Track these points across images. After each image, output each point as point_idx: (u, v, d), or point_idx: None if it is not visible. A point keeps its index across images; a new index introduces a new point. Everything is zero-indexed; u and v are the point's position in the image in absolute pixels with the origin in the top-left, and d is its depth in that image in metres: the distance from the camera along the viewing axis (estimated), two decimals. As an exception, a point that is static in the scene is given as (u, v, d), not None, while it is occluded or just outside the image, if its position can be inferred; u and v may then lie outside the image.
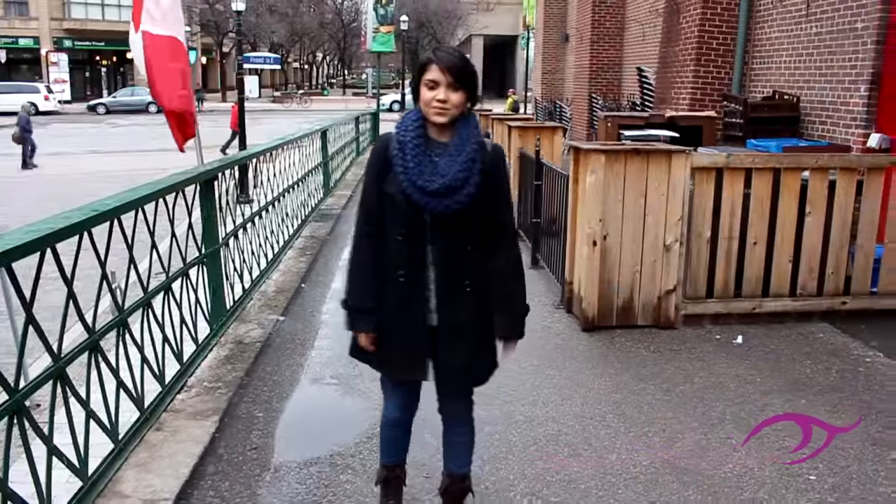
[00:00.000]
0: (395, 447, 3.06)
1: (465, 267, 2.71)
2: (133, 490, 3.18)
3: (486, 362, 2.81)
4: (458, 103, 2.59)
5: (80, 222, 2.99)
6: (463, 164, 2.60)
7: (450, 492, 3.00)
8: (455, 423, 2.95)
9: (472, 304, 2.72)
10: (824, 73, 8.79)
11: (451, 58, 2.58)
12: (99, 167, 18.16)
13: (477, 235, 2.71)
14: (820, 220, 5.63)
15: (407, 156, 2.61)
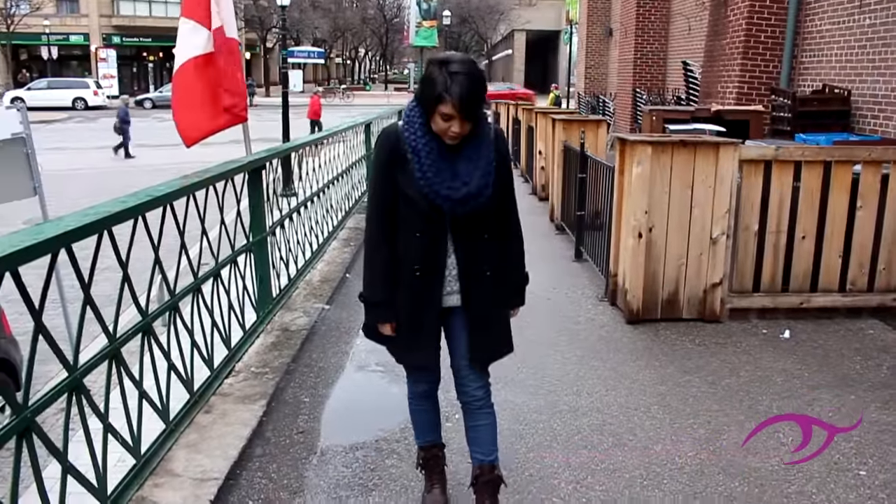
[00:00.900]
0: (427, 424, 3.11)
1: (484, 254, 2.78)
2: (184, 469, 3.25)
3: (505, 338, 2.91)
4: (466, 130, 2.60)
5: (136, 206, 3.06)
6: (485, 169, 2.66)
7: (481, 483, 2.94)
8: (475, 406, 2.93)
9: (491, 287, 2.81)
10: (878, 66, 8.61)
11: (465, 92, 2.51)
12: (147, 160, 18.51)
13: (492, 224, 2.78)
14: (872, 215, 5.52)
15: (423, 163, 2.61)
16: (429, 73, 2.57)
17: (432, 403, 3.11)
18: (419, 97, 2.63)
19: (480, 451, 2.94)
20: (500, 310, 2.89)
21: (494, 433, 2.96)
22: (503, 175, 2.75)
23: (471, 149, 2.65)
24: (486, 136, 2.69)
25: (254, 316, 4.96)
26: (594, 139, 8.41)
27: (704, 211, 5.30)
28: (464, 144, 2.64)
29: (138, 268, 3.15)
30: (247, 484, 3.28)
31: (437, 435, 3.15)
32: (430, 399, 3.09)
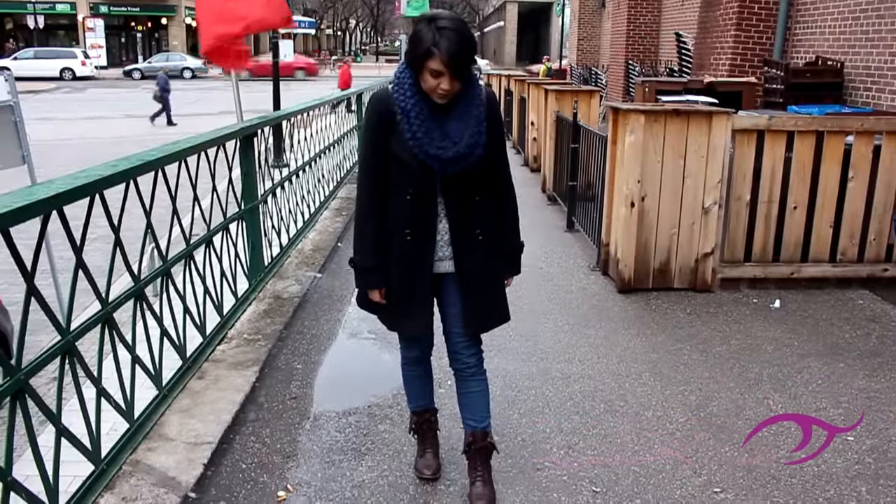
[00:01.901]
0: (419, 389, 3.13)
1: (476, 217, 2.74)
2: (177, 433, 3.26)
3: (499, 306, 2.88)
4: (455, 87, 2.56)
5: (127, 170, 3.03)
6: (475, 128, 2.61)
7: (473, 450, 2.95)
8: (468, 374, 2.92)
9: (484, 252, 2.77)
10: (871, 38, 8.59)
11: (455, 47, 2.46)
12: (136, 131, 18.36)
13: (484, 185, 2.74)
14: (863, 186, 5.53)
15: (413, 123, 2.58)
16: (417, 30, 2.54)
17: (424, 368, 3.11)
18: (408, 56, 2.60)
19: (472, 417, 2.95)
20: (494, 277, 2.85)
21: (487, 400, 2.96)
22: (495, 136, 2.70)
23: (461, 108, 2.61)
24: (477, 96, 2.65)
25: (246, 284, 4.95)
26: (587, 110, 8.38)
27: (697, 180, 5.30)
28: (454, 104, 2.60)
29: (129, 237, 3.14)
30: (240, 448, 3.29)
31: (430, 400, 3.16)
32: (423, 364, 3.10)
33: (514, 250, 2.91)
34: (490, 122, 2.67)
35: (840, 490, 3.06)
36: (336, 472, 3.14)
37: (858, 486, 3.09)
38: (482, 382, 2.94)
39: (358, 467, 3.17)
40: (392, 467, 3.17)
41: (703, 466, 3.22)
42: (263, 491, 2.99)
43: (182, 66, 42.97)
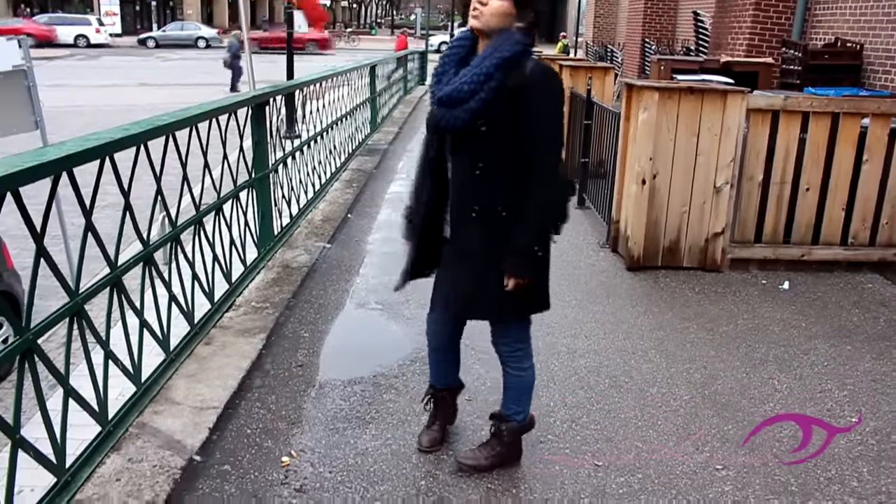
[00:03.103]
0: (438, 371, 3.11)
1: (474, 191, 2.61)
2: (184, 398, 3.29)
3: (489, 296, 2.66)
4: (495, 10, 2.47)
5: (138, 134, 3.04)
6: (472, 78, 2.48)
7: (491, 428, 2.99)
8: (501, 359, 2.92)
9: (478, 232, 2.63)
10: (893, 20, 8.47)
11: None
12: (148, 100, 18.33)
13: (492, 160, 2.55)
14: (877, 169, 5.48)
15: (438, 64, 2.62)
16: None
17: (444, 355, 3.07)
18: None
19: (503, 400, 2.97)
20: (486, 265, 2.62)
21: (515, 393, 2.92)
22: (521, 114, 2.47)
23: (479, 59, 2.52)
24: (499, 51, 2.47)
25: (255, 252, 4.97)
26: (601, 87, 8.32)
27: (709, 159, 5.26)
28: (478, 57, 2.54)
29: (139, 205, 3.16)
30: (245, 413, 3.32)
31: (449, 380, 3.12)
32: (439, 352, 3.06)
33: (515, 249, 2.55)
34: (518, 90, 2.46)
35: (842, 470, 3.06)
36: (340, 439, 3.16)
37: (860, 466, 3.09)
38: (512, 376, 2.90)
39: (362, 435, 3.19)
40: (396, 436, 3.19)
41: (706, 444, 3.22)
42: (267, 456, 3.02)
43: (196, 36, 42.86)
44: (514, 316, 2.80)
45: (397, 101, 15.54)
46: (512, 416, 2.94)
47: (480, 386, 3.60)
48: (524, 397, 2.94)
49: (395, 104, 15.16)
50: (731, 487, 2.92)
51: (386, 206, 7.31)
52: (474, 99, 2.48)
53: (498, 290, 2.62)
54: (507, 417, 2.95)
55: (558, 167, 2.58)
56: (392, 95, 14.68)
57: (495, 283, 2.62)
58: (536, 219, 2.54)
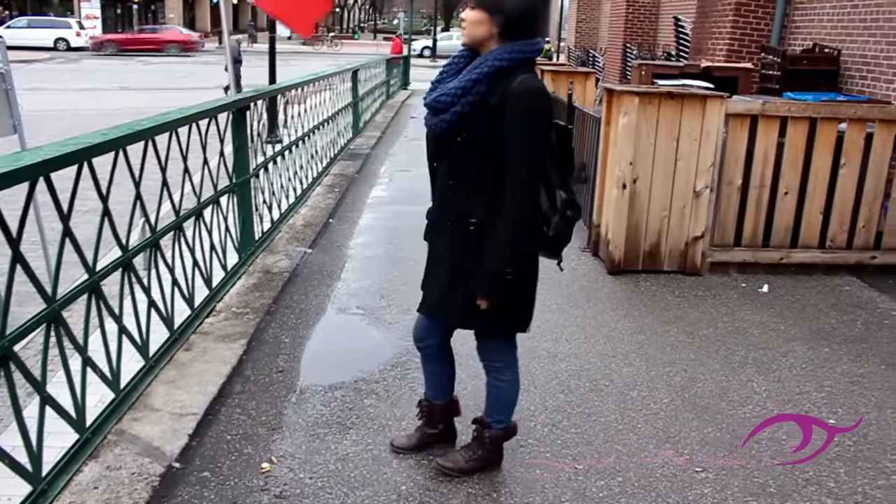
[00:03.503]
0: (427, 381, 3.08)
1: (448, 201, 2.63)
2: (163, 404, 3.27)
3: (455, 305, 2.67)
4: (472, 21, 2.49)
5: (116, 139, 3.02)
6: (453, 89, 2.49)
7: (475, 430, 2.99)
8: (484, 367, 2.93)
9: (448, 243, 2.66)
10: (868, 26, 8.56)
11: None
12: (130, 104, 18.22)
13: (467, 173, 2.56)
14: (854, 173, 5.54)
15: (439, 73, 2.65)
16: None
17: (430, 360, 3.02)
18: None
19: (485, 407, 2.96)
20: (452, 274, 2.65)
21: (496, 402, 2.91)
22: (501, 131, 2.46)
23: (465, 71, 2.53)
24: (485, 64, 2.45)
25: (236, 257, 4.95)
26: (582, 91, 8.38)
27: (689, 164, 5.30)
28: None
29: (120, 210, 3.14)
30: (225, 419, 3.30)
31: (436, 393, 3.07)
32: (424, 355, 3.02)
33: (485, 270, 2.52)
34: (498, 105, 2.44)
35: (819, 471, 3.09)
36: (320, 444, 3.15)
37: (837, 467, 3.12)
38: (492, 386, 2.90)
39: (342, 441, 3.19)
40: (376, 441, 3.18)
41: (686, 447, 3.24)
42: (248, 462, 3.01)
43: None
44: (483, 328, 2.78)
45: (380, 106, 15.53)
46: (493, 424, 2.95)
47: (462, 391, 3.59)
48: (505, 407, 2.94)
49: (378, 108, 15.15)
50: (710, 490, 2.94)
51: (368, 210, 7.31)
52: (451, 111, 2.49)
53: (463, 301, 2.62)
54: (488, 424, 2.95)
55: (532, 187, 2.53)
56: (375, 100, 14.68)
57: (461, 295, 2.62)
58: (506, 239, 2.50)
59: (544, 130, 2.53)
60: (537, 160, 2.52)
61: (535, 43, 2.51)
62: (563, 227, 2.63)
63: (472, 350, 2.95)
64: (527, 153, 2.48)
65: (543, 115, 2.51)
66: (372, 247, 6.03)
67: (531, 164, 2.51)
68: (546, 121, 2.53)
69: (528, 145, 2.48)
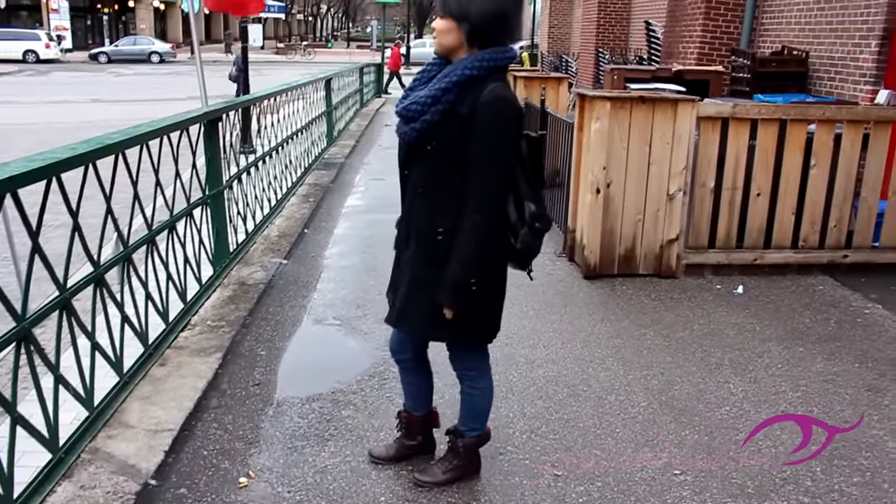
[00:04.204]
0: (405, 392, 3.08)
1: (417, 210, 2.63)
2: (138, 421, 3.23)
3: (419, 314, 2.67)
4: (441, 30, 2.50)
5: (86, 153, 2.99)
6: (423, 97, 2.49)
7: (449, 440, 2.99)
8: (457, 376, 2.94)
9: (414, 251, 2.65)
10: (835, 29, 8.69)
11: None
12: (102, 116, 18.05)
13: (436, 182, 2.55)
14: (824, 173, 5.61)
15: (412, 80, 2.64)
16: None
17: (409, 376, 3.02)
18: None
19: (459, 415, 2.97)
20: (417, 283, 2.65)
21: (469, 410, 2.92)
22: (463, 134, 2.45)
23: (436, 80, 2.52)
24: (454, 73, 2.44)
25: (210, 270, 4.91)
26: (555, 97, 8.41)
27: (662, 167, 5.34)
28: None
29: (93, 224, 3.11)
30: (202, 435, 3.27)
31: (414, 404, 3.05)
32: (405, 373, 3.03)
33: (448, 277, 2.51)
34: (468, 114, 2.44)
35: (796, 470, 3.11)
36: (298, 457, 3.13)
37: (813, 466, 3.15)
38: (465, 394, 2.91)
39: (321, 453, 3.16)
40: (355, 453, 3.17)
41: (664, 449, 3.26)
42: (225, 477, 2.98)
43: (150, 51, 42.37)
44: (449, 338, 2.78)
45: (354, 115, 15.51)
46: (467, 433, 2.94)
47: (438, 400, 3.57)
48: (479, 415, 2.94)
49: (352, 117, 15.13)
50: (689, 492, 2.96)
51: (343, 220, 7.28)
52: (420, 119, 2.48)
53: (428, 311, 2.61)
54: (462, 433, 2.95)
55: (498, 198, 2.52)
56: (349, 108, 14.66)
57: (426, 305, 2.62)
58: (470, 249, 2.48)
59: (513, 140, 2.54)
60: (504, 171, 2.52)
61: (506, 50, 2.50)
62: (531, 240, 2.62)
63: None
64: (494, 163, 2.47)
65: (512, 124, 2.50)
66: (347, 256, 6.01)
67: (498, 175, 2.50)
68: (515, 131, 2.53)
69: (496, 155, 2.47)
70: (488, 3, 2.42)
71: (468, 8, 2.42)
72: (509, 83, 2.58)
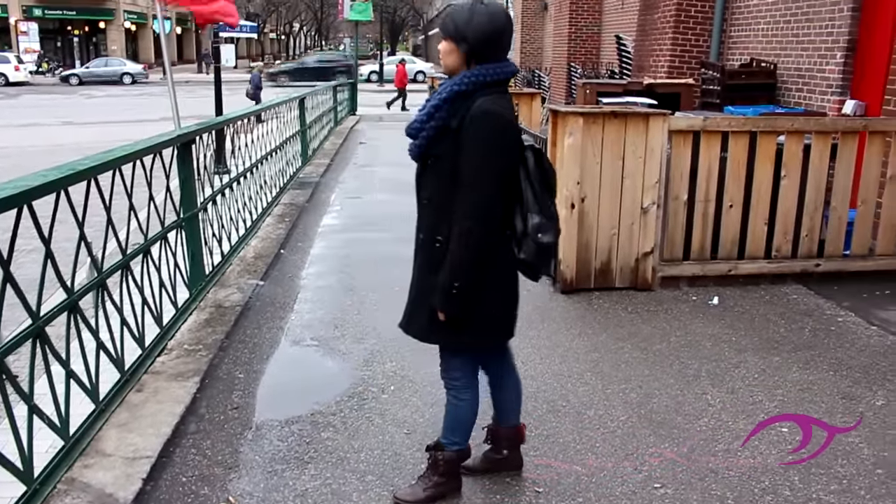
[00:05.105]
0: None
1: (422, 219, 2.77)
2: (115, 449, 3.20)
3: (422, 319, 2.77)
4: (444, 51, 2.67)
5: (57, 180, 2.97)
6: (420, 115, 2.69)
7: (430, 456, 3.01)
8: (444, 385, 2.96)
9: (421, 258, 2.78)
10: (801, 41, 8.83)
11: (449, 11, 2.70)
12: (74, 139, 17.91)
13: (437, 193, 2.68)
14: (795, 184, 5.69)
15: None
16: None
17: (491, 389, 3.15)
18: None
19: (442, 429, 3.00)
20: (420, 289, 2.78)
21: (451, 421, 2.95)
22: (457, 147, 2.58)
23: (430, 98, 2.71)
24: (444, 91, 2.63)
25: (186, 293, 4.88)
26: (528, 112, 8.46)
27: (635, 181, 5.39)
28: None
29: (67, 248, 3.08)
30: (180, 461, 3.24)
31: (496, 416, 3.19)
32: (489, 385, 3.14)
33: (441, 283, 2.63)
34: (458, 127, 2.58)
35: (774, 480, 3.14)
36: (279, 481, 3.11)
37: (791, 475, 3.18)
38: (449, 403, 2.94)
39: (301, 476, 3.15)
40: (335, 475, 3.15)
41: (644, 463, 3.27)
42: (204, 504, 2.95)
43: (122, 72, 42.06)
44: (441, 342, 2.86)
45: (328, 133, 15.50)
46: (448, 446, 2.95)
47: (419, 418, 3.59)
48: (459, 428, 2.95)
49: (327, 136, 15.12)
50: (669, 505, 2.97)
51: (319, 239, 7.26)
52: (420, 136, 2.68)
53: (427, 315, 2.73)
54: (443, 446, 2.95)
55: (484, 208, 2.58)
56: (323, 127, 14.65)
57: (425, 309, 2.73)
58: (454, 254, 2.59)
59: (502, 150, 2.61)
60: (493, 180, 2.59)
61: (499, 66, 2.65)
62: (535, 250, 2.68)
63: (431, 376, 2.95)
64: (481, 173, 2.56)
65: (498, 136, 2.59)
66: (324, 276, 5.99)
67: (486, 184, 2.58)
68: (502, 142, 2.61)
69: (482, 165, 2.57)
70: (484, 24, 2.59)
71: (465, 30, 2.60)
72: (505, 97, 2.70)
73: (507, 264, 2.75)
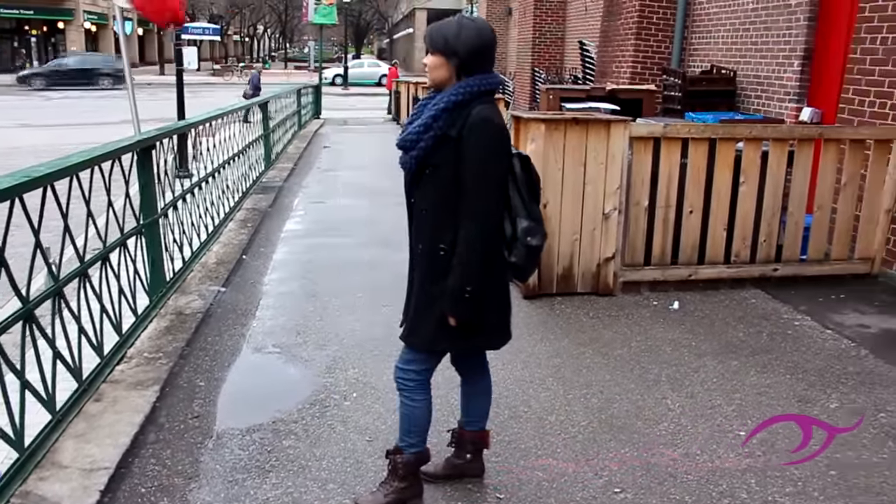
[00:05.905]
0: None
1: (421, 229, 2.80)
2: (72, 460, 3.15)
3: (429, 328, 2.80)
4: (433, 66, 2.72)
5: (10, 188, 2.92)
6: (416, 126, 2.71)
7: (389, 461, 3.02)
8: (396, 386, 2.99)
9: (423, 267, 2.81)
10: (760, 49, 8.99)
11: (435, 24, 2.74)
12: (29, 141, 17.59)
13: (438, 201, 2.72)
14: (753, 190, 5.78)
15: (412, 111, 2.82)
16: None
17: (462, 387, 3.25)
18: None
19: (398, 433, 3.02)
20: (421, 297, 2.82)
21: (406, 423, 2.96)
22: (456, 155, 2.64)
23: (427, 109, 2.73)
24: (442, 101, 2.66)
25: (146, 300, 4.82)
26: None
27: (597, 187, 5.44)
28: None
29: (24, 253, 3.03)
30: (139, 472, 3.20)
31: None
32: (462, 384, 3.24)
33: (448, 287, 2.69)
34: (459, 136, 2.63)
35: (732, 483, 3.19)
36: (240, 491, 3.08)
37: (749, 478, 3.23)
38: (403, 405, 2.96)
39: (262, 485, 3.13)
40: (297, 484, 3.14)
41: (605, 468, 3.30)
42: (163, 515, 2.92)
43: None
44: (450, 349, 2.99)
45: (292, 137, 15.42)
46: (405, 449, 2.96)
47: (381, 425, 3.60)
48: (414, 429, 2.97)
49: (290, 139, 15.04)
50: (629, 510, 3.01)
51: (282, 245, 7.22)
52: (417, 147, 2.69)
53: (434, 323, 2.77)
54: (401, 450, 2.96)
55: (490, 213, 2.68)
56: (286, 131, 14.57)
57: (432, 318, 2.77)
58: (462, 258, 2.66)
59: (500, 157, 2.70)
60: (496, 185, 2.68)
61: (488, 76, 2.71)
62: (525, 253, 2.75)
63: (393, 383, 2.96)
64: (485, 178, 2.65)
65: (499, 142, 2.70)
66: (287, 282, 5.96)
67: (490, 189, 2.66)
68: (502, 148, 2.71)
69: (486, 171, 2.65)
70: (472, 38, 2.67)
71: (455, 45, 2.66)
72: (496, 106, 2.78)
73: (502, 267, 2.81)
